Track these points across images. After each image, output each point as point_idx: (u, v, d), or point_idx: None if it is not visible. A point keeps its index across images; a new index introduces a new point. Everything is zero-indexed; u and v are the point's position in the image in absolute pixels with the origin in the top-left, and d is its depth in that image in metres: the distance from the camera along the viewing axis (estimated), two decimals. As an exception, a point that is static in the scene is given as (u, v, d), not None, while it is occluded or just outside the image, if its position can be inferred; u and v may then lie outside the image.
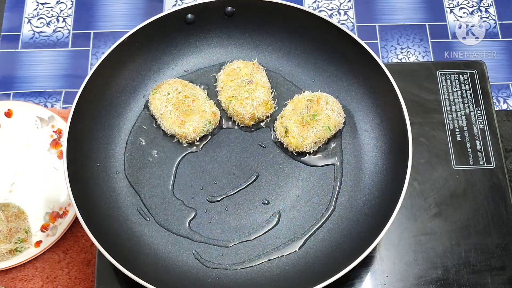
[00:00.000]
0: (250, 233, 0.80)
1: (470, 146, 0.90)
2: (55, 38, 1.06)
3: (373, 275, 0.81)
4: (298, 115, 0.84)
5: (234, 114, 0.86)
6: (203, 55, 0.92)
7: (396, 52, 1.05)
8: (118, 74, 0.87)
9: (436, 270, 0.81)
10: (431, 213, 0.85)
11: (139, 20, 1.06)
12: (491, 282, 0.81)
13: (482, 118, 0.92)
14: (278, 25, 0.90)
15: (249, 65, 0.88)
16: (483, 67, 0.96)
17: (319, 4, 1.10)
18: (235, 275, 0.78)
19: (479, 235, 0.84)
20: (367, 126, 0.86)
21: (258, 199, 0.83)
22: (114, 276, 0.79)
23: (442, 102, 0.93)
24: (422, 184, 0.87)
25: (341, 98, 0.87)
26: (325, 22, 0.87)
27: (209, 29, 0.91)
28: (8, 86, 1.02)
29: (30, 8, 1.09)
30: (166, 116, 0.85)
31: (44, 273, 0.86)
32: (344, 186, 0.83)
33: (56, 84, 1.03)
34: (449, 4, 1.10)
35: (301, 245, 0.79)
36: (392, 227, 0.74)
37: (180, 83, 0.87)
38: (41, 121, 0.95)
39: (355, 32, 1.07)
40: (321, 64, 0.90)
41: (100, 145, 0.84)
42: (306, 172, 0.84)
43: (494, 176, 0.87)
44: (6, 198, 0.94)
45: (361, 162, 0.84)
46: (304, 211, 0.82)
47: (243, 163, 0.85)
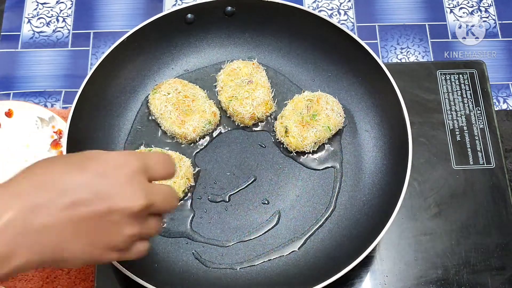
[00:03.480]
0: (250, 233, 0.80)
1: (470, 146, 0.90)
2: (55, 38, 1.06)
3: (373, 275, 0.81)
4: (298, 115, 0.84)
5: (234, 114, 0.86)
6: (203, 55, 0.92)
7: (396, 52, 1.05)
8: (118, 74, 0.87)
9: (436, 270, 0.81)
10: (431, 213, 0.85)
11: (139, 20, 1.06)
12: (491, 282, 0.81)
13: (482, 118, 0.92)
14: (278, 25, 0.90)
15: (249, 65, 0.88)
16: (483, 67, 0.96)
17: (319, 4, 1.10)
18: (235, 275, 0.78)
19: (479, 235, 0.84)
20: (367, 126, 0.86)
21: (258, 199, 0.83)
22: (114, 276, 0.79)
23: (442, 102, 0.93)
24: (422, 184, 0.87)
25: (341, 98, 0.87)
26: (325, 22, 0.87)
27: (209, 29, 0.91)
28: (8, 86, 1.02)
29: (30, 8, 1.09)
30: (166, 116, 0.85)
31: (44, 273, 0.86)
32: (344, 186, 0.83)
33: (56, 84, 1.03)
34: (449, 4, 1.10)
35: (301, 245, 0.79)
36: (392, 227, 0.74)
37: (180, 83, 0.87)
38: (42, 122, 0.95)
39: (355, 32, 1.07)
40: (321, 64, 0.90)
41: (100, 145, 0.84)
42: (306, 172, 0.84)
43: (494, 176, 0.87)
44: (6, 198, 0.94)
45: (361, 162, 0.84)
46: (304, 211, 0.82)
47: (243, 163, 0.85)
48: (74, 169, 0.53)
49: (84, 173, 0.53)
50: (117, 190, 0.53)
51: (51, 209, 0.50)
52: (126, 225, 0.54)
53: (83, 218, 0.51)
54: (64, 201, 0.51)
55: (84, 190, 0.52)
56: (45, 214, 0.50)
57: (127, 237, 0.55)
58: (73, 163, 0.54)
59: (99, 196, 0.52)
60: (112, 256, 0.55)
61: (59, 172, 0.52)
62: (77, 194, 0.51)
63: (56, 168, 0.53)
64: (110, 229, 0.53)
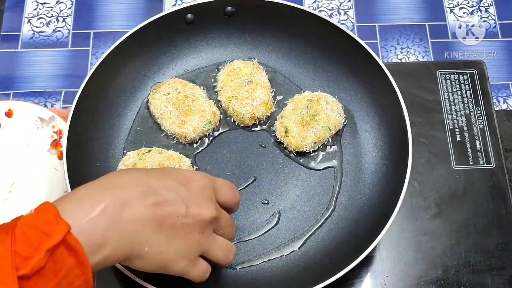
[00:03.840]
0: (250, 233, 0.80)
1: (470, 146, 0.90)
2: (55, 38, 1.06)
3: (373, 275, 0.81)
4: (298, 115, 0.84)
5: (234, 114, 0.86)
6: (203, 55, 0.92)
7: (396, 52, 1.05)
8: (118, 74, 0.87)
9: (436, 270, 0.81)
10: (431, 213, 0.85)
11: (139, 20, 1.06)
12: (491, 282, 0.81)
13: (482, 118, 0.92)
14: (278, 25, 0.90)
15: (249, 65, 0.88)
16: (483, 67, 0.96)
17: (319, 4, 1.10)
18: (235, 275, 0.78)
19: (479, 235, 0.84)
20: (367, 126, 0.86)
21: (258, 199, 0.83)
22: (114, 276, 0.79)
23: (442, 102, 0.93)
24: (422, 184, 0.87)
25: (341, 98, 0.87)
26: (325, 22, 0.87)
27: (209, 29, 0.91)
28: (8, 86, 1.02)
29: (30, 8, 1.09)
30: (166, 116, 0.85)
31: (44, 273, 0.86)
32: (344, 186, 0.83)
33: (56, 84, 1.03)
34: (449, 4, 1.10)
35: (301, 245, 0.79)
36: (392, 227, 0.74)
37: (180, 83, 0.87)
38: (42, 122, 0.95)
39: (355, 32, 1.07)
40: (321, 64, 0.90)
41: (100, 145, 0.84)
42: (306, 172, 0.84)
43: (494, 176, 0.87)
44: (6, 198, 0.94)
45: (361, 162, 0.84)
46: (304, 211, 0.82)
47: (243, 163, 0.85)
48: (158, 175, 0.60)
49: (168, 179, 0.60)
50: (194, 199, 0.60)
51: (139, 203, 0.56)
52: (198, 230, 0.61)
53: (165, 216, 0.58)
54: (151, 198, 0.57)
55: (168, 192, 0.59)
56: (133, 207, 0.56)
57: (197, 242, 0.61)
58: (155, 171, 0.62)
59: (180, 199, 0.59)
60: (180, 265, 0.60)
61: (145, 175, 0.60)
62: (163, 195, 0.58)
63: (143, 172, 0.61)
64: (185, 230, 0.59)
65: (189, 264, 0.61)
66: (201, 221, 0.60)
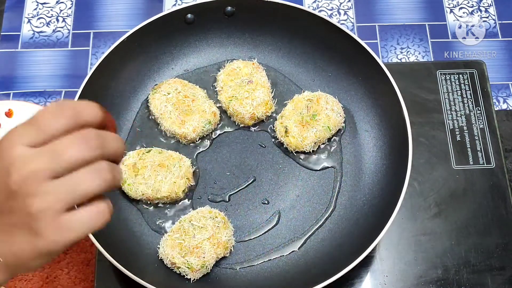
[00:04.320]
0: (250, 233, 0.80)
1: (470, 146, 0.90)
2: (55, 38, 1.06)
3: (373, 275, 0.81)
4: (298, 115, 0.84)
5: (234, 114, 0.86)
6: (203, 55, 0.92)
7: (396, 52, 1.05)
8: (118, 74, 0.87)
9: (436, 270, 0.81)
10: (431, 213, 0.85)
11: (139, 20, 1.05)
12: (491, 282, 0.81)
13: (482, 118, 0.92)
14: (278, 25, 0.90)
15: (249, 65, 0.88)
16: (483, 67, 0.96)
17: (319, 4, 1.10)
18: (235, 275, 0.78)
19: (479, 235, 0.84)
20: (367, 126, 0.86)
21: (258, 199, 0.83)
22: (114, 276, 0.79)
23: (442, 102, 0.93)
24: (422, 184, 0.87)
25: (341, 98, 0.87)
26: (325, 22, 0.87)
27: (209, 29, 0.91)
28: (8, 86, 1.02)
29: (30, 8, 1.09)
30: (166, 116, 0.85)
31: (44, 273, 0.86)
32: (344, 186, 0.83)
33: (56, 84, 1.02)
34: (449, 4, 1.10)
35: (301, 245, 0.79)
36: (392, 227, 0.74)
37: (180, 83, 0.87)
38: (41, 121, 0.95)
39: (355, 32, 1.06)
40: (321, 64, 0.90)
41: (100, 145, 0.84)
42: (306, 172, 0.84)
43: (494, 176, 0.87)
44: (6, 198, 0.94)
45: (361, 162, 0.84)
46: (304, 211, 0.82)
47: (243, 163, 0.85)
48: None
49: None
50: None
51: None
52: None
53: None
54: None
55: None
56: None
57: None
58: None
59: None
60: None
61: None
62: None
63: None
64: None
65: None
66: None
